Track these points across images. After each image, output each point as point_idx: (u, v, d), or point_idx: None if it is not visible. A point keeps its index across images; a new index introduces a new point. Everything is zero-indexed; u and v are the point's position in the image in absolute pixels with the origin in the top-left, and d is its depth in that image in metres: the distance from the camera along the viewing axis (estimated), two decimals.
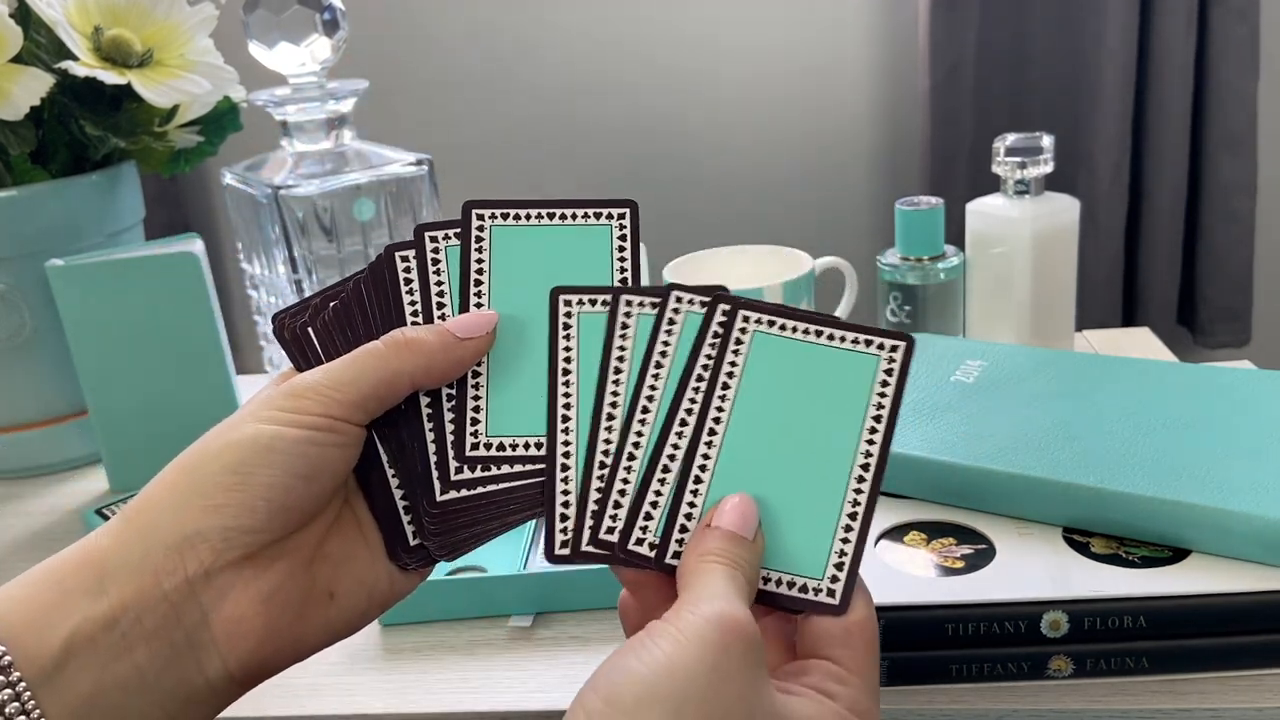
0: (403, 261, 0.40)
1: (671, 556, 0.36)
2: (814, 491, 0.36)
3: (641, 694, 0.30)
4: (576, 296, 0.39)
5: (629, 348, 0.38)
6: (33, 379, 0.72)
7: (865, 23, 1.54)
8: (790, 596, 0.36)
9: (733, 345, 0.38)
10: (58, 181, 0.70)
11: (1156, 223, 1.48)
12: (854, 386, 0.37)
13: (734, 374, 0.38)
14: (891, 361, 0.37)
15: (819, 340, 0.38)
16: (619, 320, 0.38)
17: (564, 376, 0.38)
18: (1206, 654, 0.44)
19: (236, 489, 0.34)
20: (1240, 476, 0.47)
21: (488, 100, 1.61)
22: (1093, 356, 0.62)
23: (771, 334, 0.38)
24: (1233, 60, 1.42)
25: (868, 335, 0.38)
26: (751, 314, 0.38)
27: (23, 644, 0.32)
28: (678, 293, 0.38)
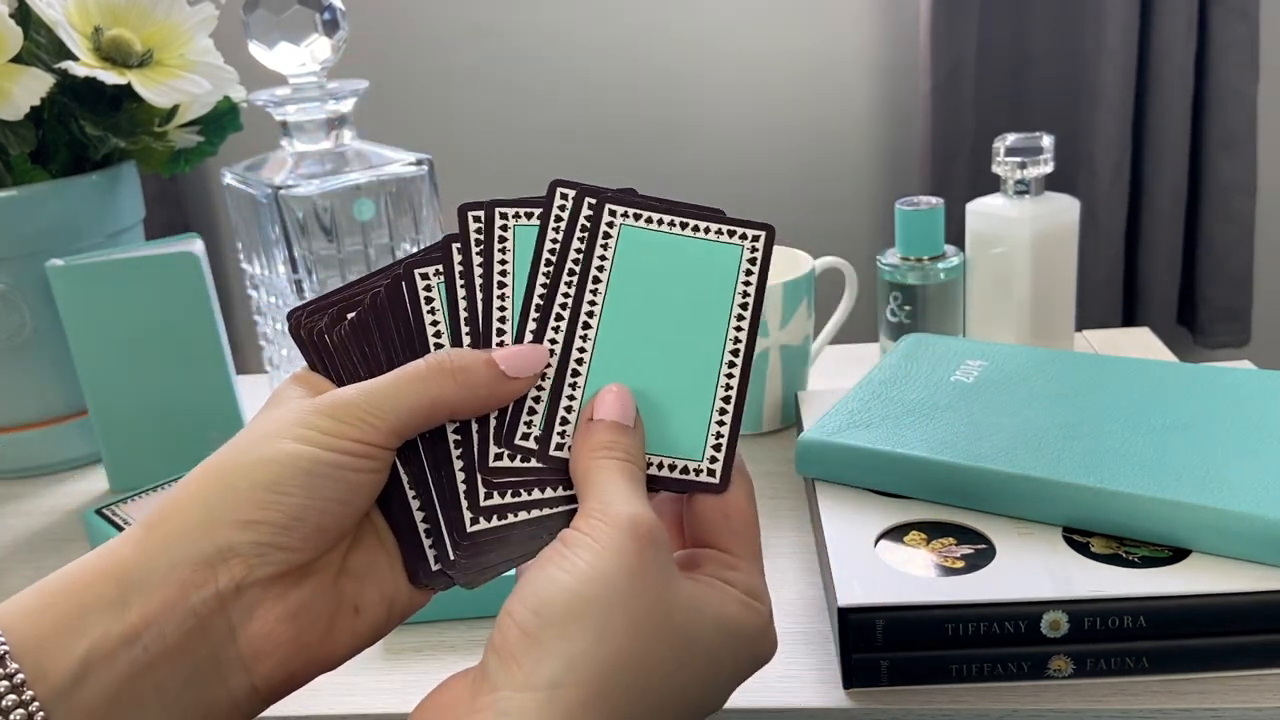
0: (422, 280, 0.39)
1: (555, 449, 0.37)
2: (688, 378, 0.38)
3: (569, 603, 0.31)
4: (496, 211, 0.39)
5: (510, 256, 0.39)
6: (33, 379, 0.72)
7: (866, 23, 1.54)
8: (673, 479, 0.38)
9: (601, 240, 0.39)
10: (58, 181, 0.70)
11: (1156, 223, 1.48)
12: (720, 276, 0.39)
13: (604, 268, 0.39)
14: (754, 250, 0.40)
15: (685, 233, 0.40)
16: (496, 232, 0.39)
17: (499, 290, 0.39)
18: (1206, 654, 0.44)
19: (273, 508, 0.33)
20: (1240, 476, 0.48)
21: (488, 100, 1.61)
22: (1093, 356, 0.62)
23: (639, 227, 0.39)
24: (1233, 60, 1.42)
25: (730, 226, 0.40)
26: (618, 208, 0.39)
27: (38, 659, 0.31)
28: (562, 189, 0.40)
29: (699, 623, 0.34)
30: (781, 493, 0.62)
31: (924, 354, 0.64)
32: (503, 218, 0.40)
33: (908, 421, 0.56)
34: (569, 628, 0.31)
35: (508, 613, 0.32)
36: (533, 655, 0.31)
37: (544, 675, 0.30)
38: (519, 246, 0.39)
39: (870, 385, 0.61)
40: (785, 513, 0.60)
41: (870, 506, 0.52)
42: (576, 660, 0.31)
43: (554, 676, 0.30)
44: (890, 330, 0.73)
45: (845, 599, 0.45)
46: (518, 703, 0.30)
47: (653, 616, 0.32)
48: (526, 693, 0.30)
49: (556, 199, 0.40)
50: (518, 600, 0.32)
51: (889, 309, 0.73)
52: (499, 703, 0.30)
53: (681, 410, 0.38)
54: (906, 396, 0.59)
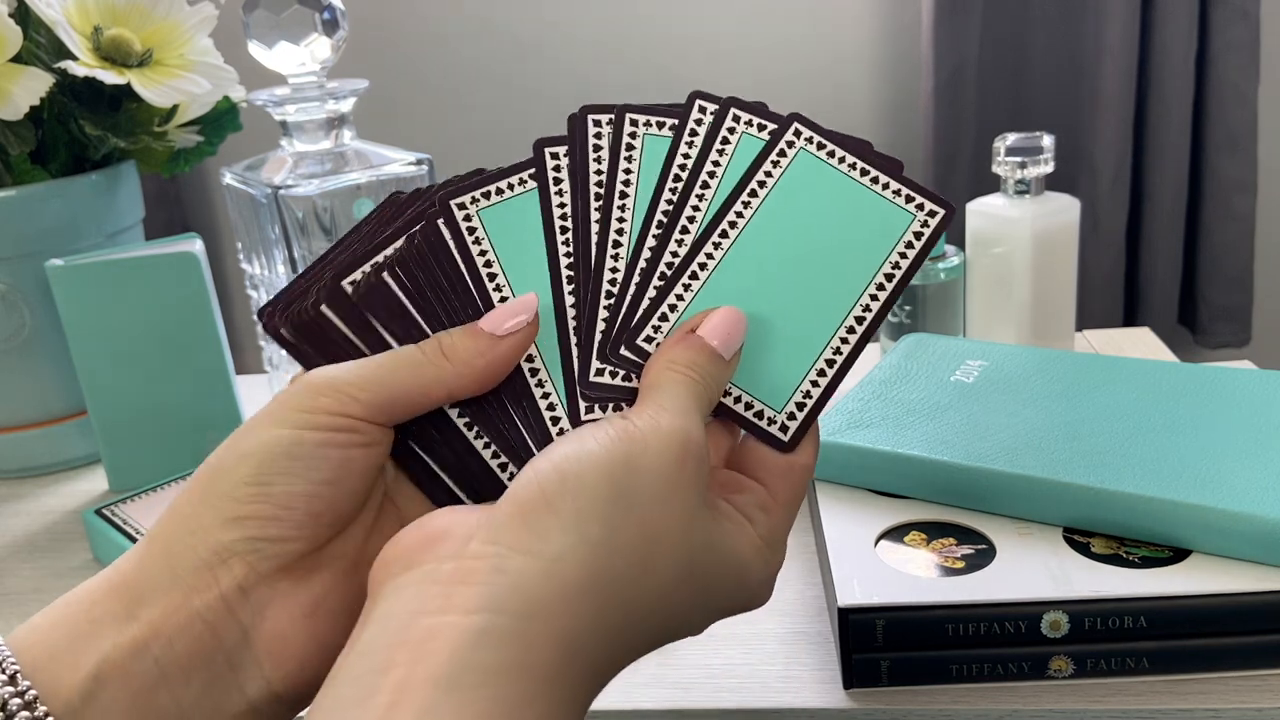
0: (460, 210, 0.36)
1: (645, 342, 0.35)
2: (803, 325, 0.36)
3: (597, 483, 0.30)
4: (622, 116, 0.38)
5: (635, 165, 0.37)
6: (32, 379, 0.72)
7: (868, 23, 1.54)
8: (744, 418, 0.36)
9: (774, 155, 0.37)
10: (57, 181, 0.69)
11: (1157, 222, 1.48)
12: (879, 236, 0.36)
13: (765, 184, 0.37)
14: (925, 225, 0.37)
15: (861, 180, 0.37)
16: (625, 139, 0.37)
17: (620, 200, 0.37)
18: (1206, 654, 0.44)
19: (257, 500, 0.32)
20: (1240, 476, 0.47)
21: (488, 100, 1.61)
22: (1093, 356, 0.62)
23: (817, 156, 0.37)
24: (1233, 60, 1.42)
25: (911, 192, 0.37)
26: (804, 130, 0.37)
27: (49, 678, 0.30)
28: (701, 101, 0.38)
29: (711, 550, 0.33)
30: None
31: (924, 354, 0.64)
32: (632, 124, 0.37)
33: (908, 421, 0.56)
34: (588, 506, 0.30)
35: (533, 467, 0.31)
36: (545, 521, 0.30)
37: (551, 546, 0.29)
38: (646, 156, 0.37)
39: (870, 385, 0.61)
40: None
41: (870, 506, 0.52)
42: (586, 541, 0.30)
43: (560, 550, 0.29)
44: (890, 330, 0.73)
45: (845, 599, 0.45)
46: (517, 564, 0.29)
47: (671, 528, 0.31)
48: (529, 557, 0.29)
49: (694, 111, 0.38)
50: (546, 458, 0.31)
51: None
52: (498, 558, 0.29)
53: (782, 354, 0.36)
54: (906, 396, 0.59)
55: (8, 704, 0.29)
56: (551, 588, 0.29)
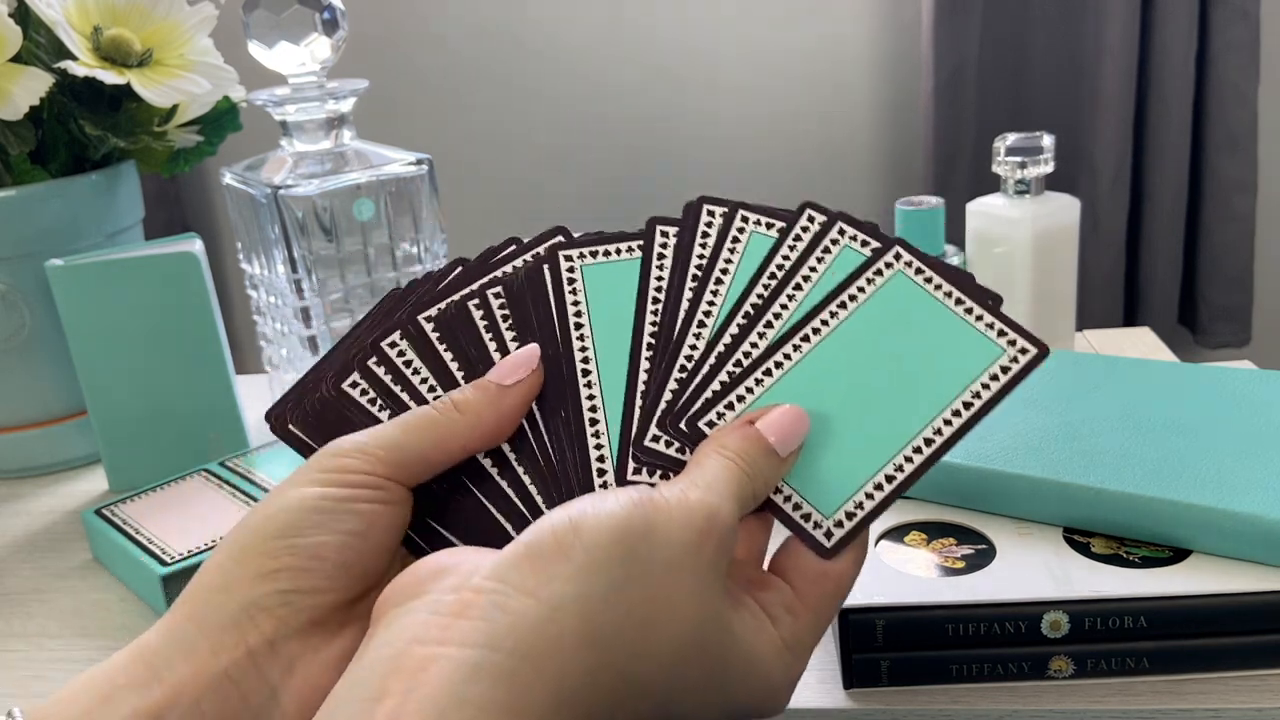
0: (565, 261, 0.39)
1: (706, 425, 0.36)
2: (868, 436, 0.36)
3: (611, 539, 0.30)
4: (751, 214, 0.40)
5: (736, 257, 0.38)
6: (32, 379, 0.72)
7: (868, 23, 1.54)
8: (789, 516, 0.35)
9: (870, 273, 0.38)
10: (57, 181, 0.69)
11: (1157, 222, 1.48)
12: (964, 364, 0.37)
13: (856, 298, 0.37)
14: (1014, 361, 0.37)
15: (955, 308, 0.37)
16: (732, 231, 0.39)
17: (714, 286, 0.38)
18: (1206, 654, 0.44)
19: (288, 553, 0.32)
20: (1240, 476, 0.47)
21: (488, 100, 1.61)
22: (1093, 356, 0.62)
23: (913, 280, 0.38)
24: (1233, 60, 1.42)
25: (1004, 327, 0.37)
26: (904, 254, 0.38)
27: None
28: (811, 211, 0.39)
29: (725, 637, 0.32)
30: None
31: None
32: (743, 220, 0.39)
33: None
34: (598, 560, 0.30)
35: (549, 516, 0.31)
36: (552, 567, 0.29)
37: (555, 592, 0.29)
38: (749, 251, 0.38)
39: None
40: None
41: None
42: (590, 594, 0.29)
43: (563, 598, 0.29)
44: None
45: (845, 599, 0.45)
46: (519, 604, 0.29)
47: (678, 602, 0.31)
48: (531, 599, 0.29)
49: (803, 218, 0.39)
50: (564, 509, 0.31)
51: None
52: (501, 595, 0.29)
53: (842, 461, 0.36)
54: None
55: None
56: (549, 633, 0.29)
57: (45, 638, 0.56)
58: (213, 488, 0.63)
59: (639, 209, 1.62)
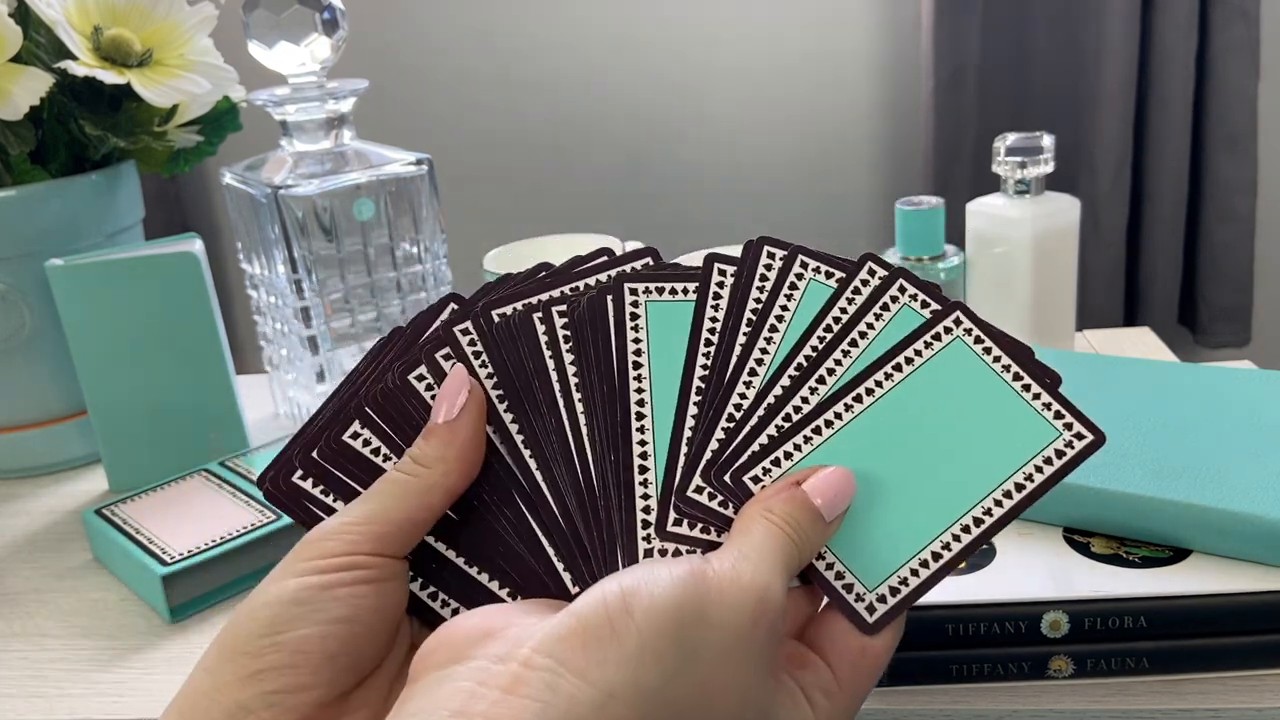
0: (630, 295, 0.38)
1: (751, 480, 0.35)
2: (918, 510, 0.35)
3: (665, 621, 0.29)
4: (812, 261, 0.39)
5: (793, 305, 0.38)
6: (32, 379, 0.72)
7: (868, 23, 1.54)
8: (832, 586, 0.35)
9: (928, 336, 0.37)
10: (57, 181, 0.69)
11: (1157, 222, 1.48)
12: (1019, 444, 0.36)
13: (913, 361, 0.36)
14: (1069, 446, 0.36)
15: (1013, 384, 0.37)
16: (790, 278, 0.38)
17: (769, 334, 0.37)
18: (1206, 654, 0.44)
19: (271, 651, 0.31)
20: (1240, 476, 0.47)
21: (488, 100, 1.61)
22: (1093, 356, 0.62)
23: (972, 349, 0.37)
24: (1233, 60, 1.42)
25: (1062, 409, 0.36)
26: (965, 321, 0.37)
27: None
28: (872, 264, 0.38)
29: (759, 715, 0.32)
30: None
31: None
32: (802, 265, 0.38)
33: None
34: (652, 644, 0.29)
35: (601, 588, 0.30)
36: (606, 650, 0.28)
37: (608, 678, 0.28)
38: (806, 299, 0.38)
39: None
40: None
41: None
42: (642, 683, 0.28)
43: (615, 685, 0.28)
44: None
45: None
46: (571, 688, 0.28)
47: (730, 690, 0.30)
48: (584, 683, 0.28)
49: (863, 270, 0.38)
50: (617, 580, 0.30)
51: None
52: (553, 675, 0.28)
53: (889, 533, 0.35)
54: None
55: None
56: (601, 719, 0.28)
57: (45, 638, 0.56)
58: (213, 488, 0.63)
59: (639, 209, 1.62)
